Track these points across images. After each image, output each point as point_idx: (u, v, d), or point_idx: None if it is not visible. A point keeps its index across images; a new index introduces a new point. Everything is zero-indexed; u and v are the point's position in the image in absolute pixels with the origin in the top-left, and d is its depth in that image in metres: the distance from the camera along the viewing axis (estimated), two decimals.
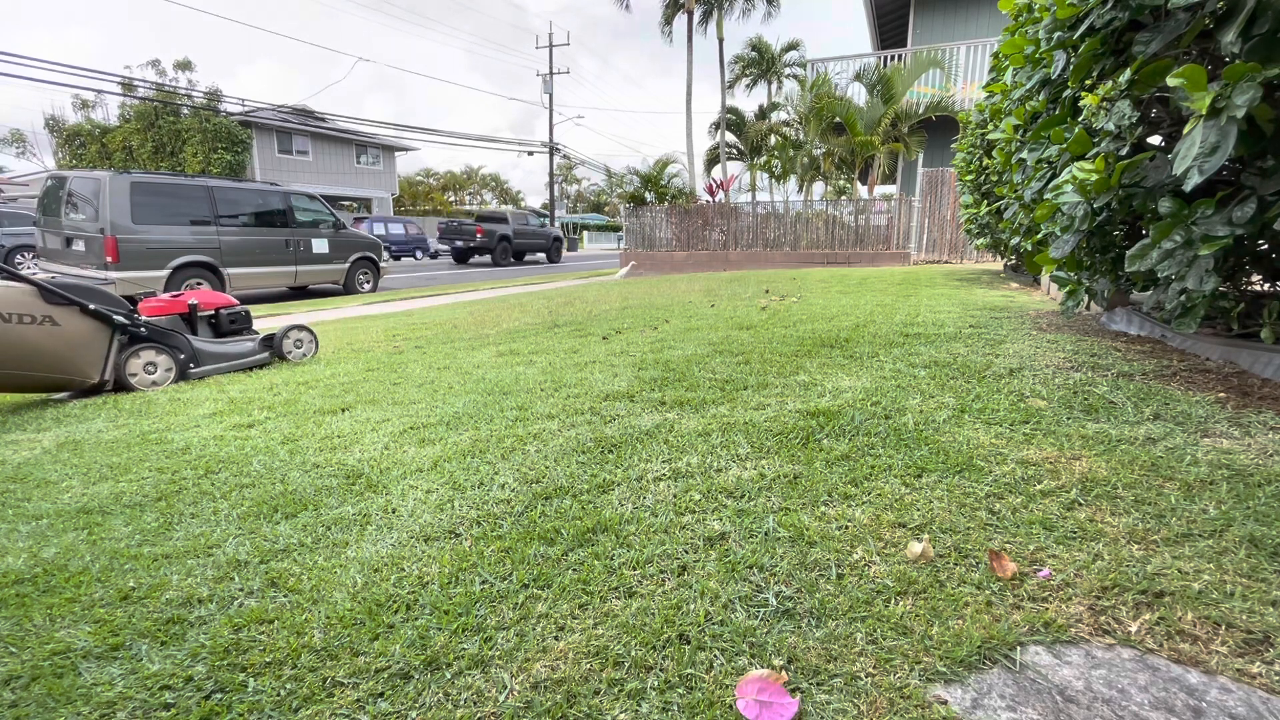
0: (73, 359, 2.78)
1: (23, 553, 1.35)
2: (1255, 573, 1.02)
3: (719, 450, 1.67)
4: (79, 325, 2.79)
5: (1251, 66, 1.45)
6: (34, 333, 2.65)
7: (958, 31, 13.07)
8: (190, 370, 3.21)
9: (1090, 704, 0.80)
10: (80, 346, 2.80)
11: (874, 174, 14.36)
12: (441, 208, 50.13)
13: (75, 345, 2.78)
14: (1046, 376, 2.19)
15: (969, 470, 1.45)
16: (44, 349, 2.69)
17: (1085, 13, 2.13)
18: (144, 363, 3.04)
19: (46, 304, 2.71)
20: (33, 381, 2.77)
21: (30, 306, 2.67)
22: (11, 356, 2.60)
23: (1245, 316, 2.33)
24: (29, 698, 0.91)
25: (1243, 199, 1.69)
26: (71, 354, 2.78)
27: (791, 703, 0.81)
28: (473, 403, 2.35)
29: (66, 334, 2.74)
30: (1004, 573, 1.05)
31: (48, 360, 2.73)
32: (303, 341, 3.76)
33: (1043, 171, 2.71)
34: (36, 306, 2.69)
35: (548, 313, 5.67)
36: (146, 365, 3.05)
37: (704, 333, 3.60)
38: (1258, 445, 1.51)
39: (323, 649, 0.97)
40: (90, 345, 2.83)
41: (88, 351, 2.82)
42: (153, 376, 3.06)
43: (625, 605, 1.03)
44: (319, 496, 1.57)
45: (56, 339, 2.72)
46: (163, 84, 25.17)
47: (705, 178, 25.46)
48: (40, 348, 2.68)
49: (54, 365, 2.74)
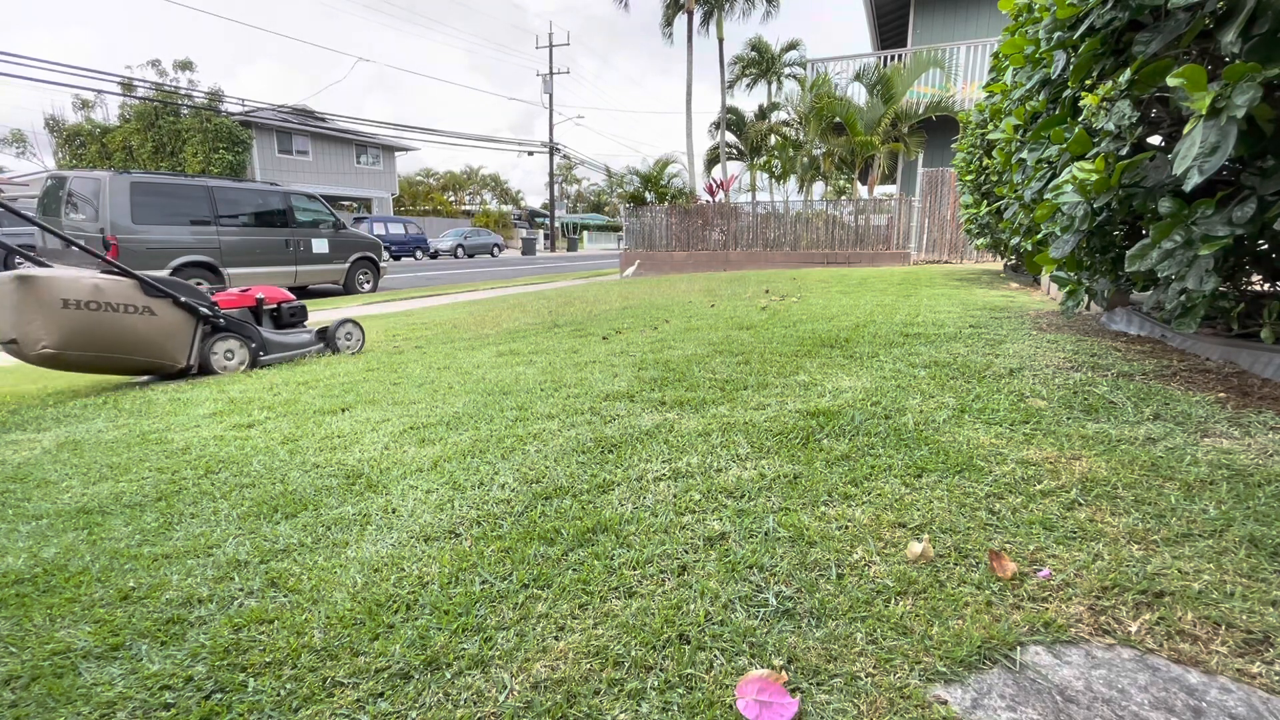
0: (165, 345, 3.11)
1: (23, 553, 1.35)
2: (1255, 573, 1.02)
3: (719, 450, 1.67)
4: (172, 315, 3.13)
5: (1251, 66, 1.45)
6: (137, 321, 2.98)
7: (958, 31, 13.08)
8: (260, 358, 3.53)
9: (1090, 704, 0.80)
10: (172, 334, 3.13)
11: (874, 174, 14.36)
12: (441, 207, 50.12)
13: (168, 333, 3.11)
14: (1046, 376, 2.19)
15: (969, 470, 1.45)
16: (144, 336, 3.01)
17: (1085, 13, 2.13)
18: (224, 350, 3.37)
19: (146, 296, 3.04)
20: (132, 365, 3.07)
21: (134, 298, 3.00)
22: (118, 342, 2.93)
23: (1245, 316, 2.33)
24: (29, 698, 0.91)
25: (1243, 199, 1.69)
26: (165, 341, 3.10)
27: (791, 703, 0.81)
28: (473, 403, 2.35)
29: (162, 323, 3.08)
30: (1004, 573, 1.05)
31: (146, 346, 3.05)
32: (352, 334, 4.04)
33: (1043, 171, 2.71)
34: (139, 298, 3.02)
35: (548, 313, 5.67)
36: (225, 352, 3.38)
37: (704, 333, 3.60)
38: (1258, 445, 1.51)
39: (323, 649, 0.97)
40: (180, 333, 3.16)
41: (178, 339, 3.15)
42: (230, 363, 3.40)
43: (625, 605, 1.03)
44: (319, 496, 1.57)
45: (154, 327, 3.06)
46: (163, 84, 25.16)
47: (705, 178, 25.45)
48: (141, 335, 3.00)
49: (151, 350, 3.07)
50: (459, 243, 29.93)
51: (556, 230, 40.93)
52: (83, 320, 2.85)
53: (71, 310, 2.84)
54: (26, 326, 2.77)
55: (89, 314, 2.87)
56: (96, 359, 2.96)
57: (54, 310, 2.81)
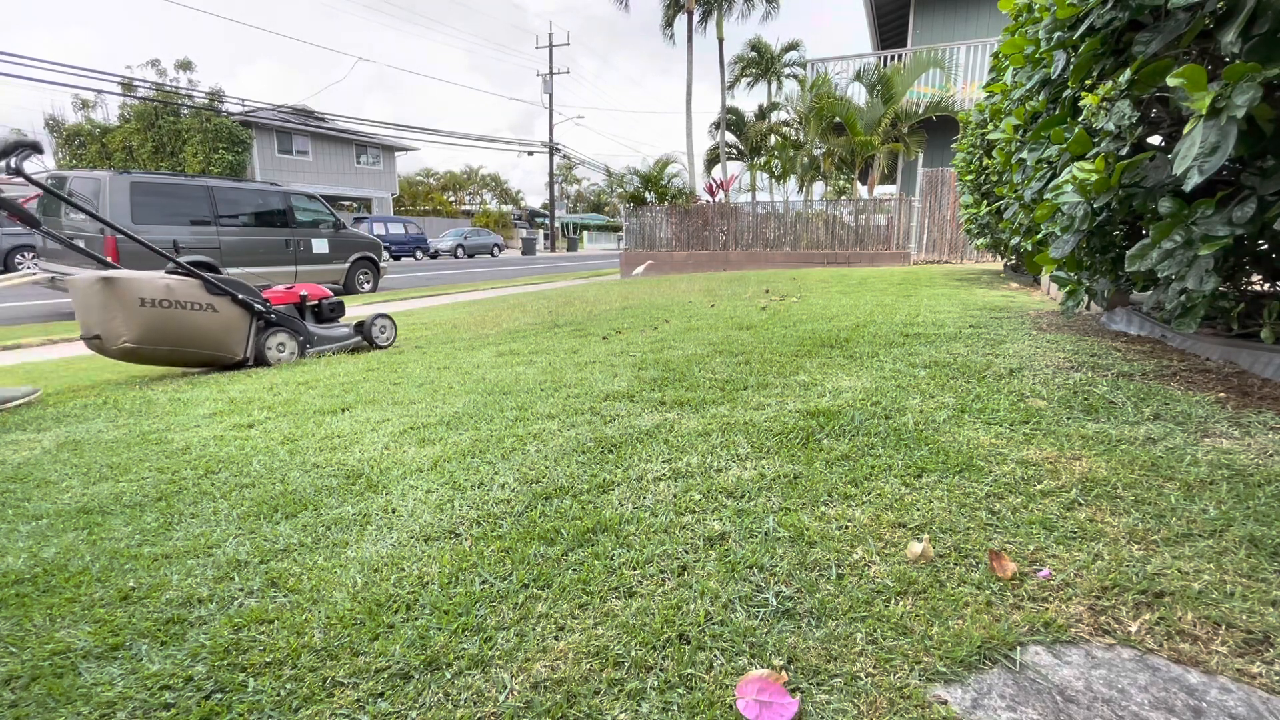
0: (226, 339, 3.37)
1: (23, 553, 1.35)
2: (1255, 573, 1.02)
3: (719, 450, 1.67)
4: (231, 312, 3.39)
5: (1251, 66, 1.45)
6: (201, 317, 3.25)
7: (958, 31, 13.08)
8: (307, 349, 3.80)
9: (1090, 704, 0.80)
10: (232, 329, 3.39)
11: (874, 174, 14.36)
12: (442, 207, 50.12)
13: (229, 328, 3.37)
14: (1046, 376, 2.19)
15: (969, 470, 1.45)
16: (208, 330, 3.28)
17: (1085, 13, 2.13)
18: (276, 343, 3.61)
19: (209, 294, 3.30)
20: (197, 357, 3.34)
21: (199, 296, 3.26)
22: (186, 336, 3.21)
23: (1245, 316, 2.33)
24: (29, 698, 0.91)
25: (1243, 199, 1.69)
26: (226, 335, 3.36)
27: (791, 703, 0.81)
28: (473, 403, 2.35)
29: (222, 319, 3.33)
30: (1004, 573, 1.05)
31: (210, 339, 3.31)
32: (386, 328, 4.28)
33: (1043, 171, 2.71)
34: (203, 296, 3.28)
35: (548, 313, 5.68)
36: (278, 345, 3.61)
37: (704, 333, 3.60)
38: (1258, 445, 1.51)
39: (323, 649, 0.97)
40: (238, 328, 3.42)
41: (236, 333, 3.41)
42: (282, 354, 3.64)
43: (625, 605, 1.03)
44: (319, 496, 1.57)
45: (215, 322, 3.31)
46: (163, 84, 25.16)
47: (705, 178, 25.46)
48: (205, 329, 3.27)
49: (214, 344, 3.33)
50: (459, 243, 29.94)
51: (556, 230, 40.93)
52: (157, 317, 3.12)
53: (147, 308, 3.10)
54: (109, 323, 3.03)
55: (162, 311, 3.14)
56: (168, 352, 3.24)
57: (133, 308, 3.06)
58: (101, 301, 3.03)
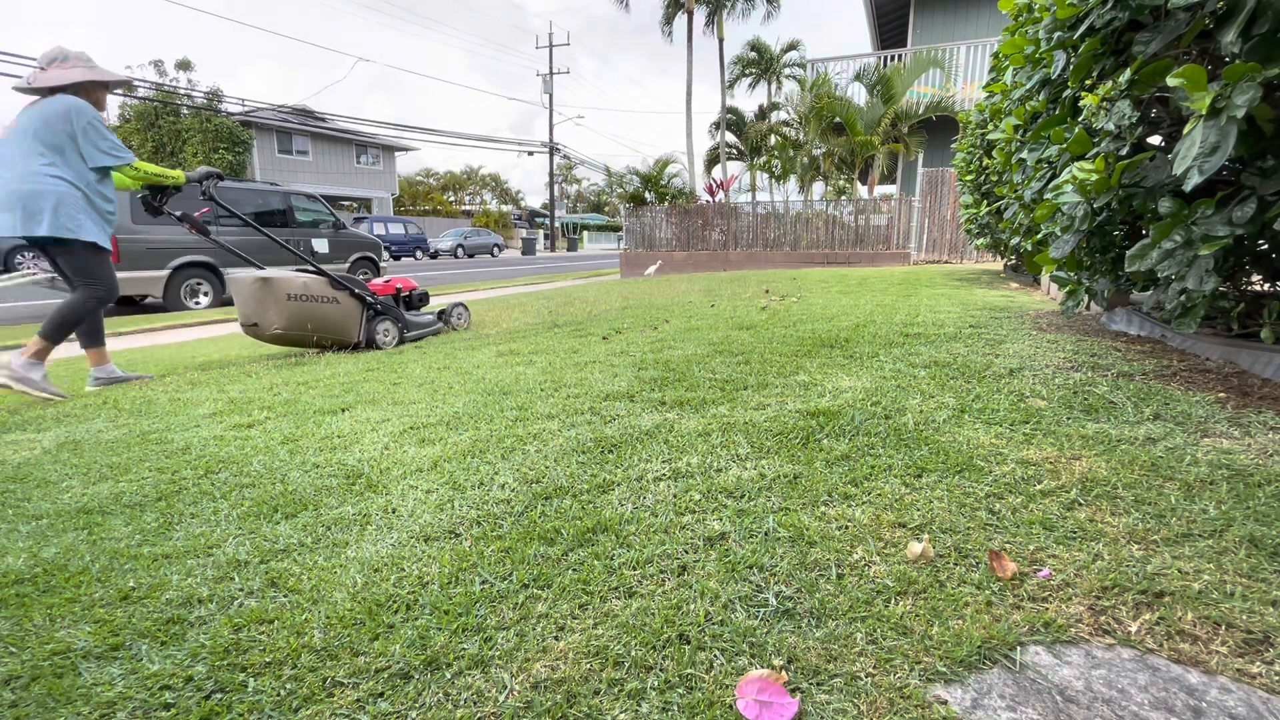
0: (346, 326, 3.99)
1: (23, 553, 1.35)
2: (1255, 573, 1.02)
3: (719, 450, 1.67)
4: (349, 303, 3.98)
5: (1251, 66, 1.45)
6: (328, 308, 3.88)
7: (958, 31, 13.08)
8: (405, 334, 4.35)
9: (1090, 704, 0.80)
10: (350, 317, 3.99)
11: (874, 174, 14.36)
12: (441, 207, 50.11)
13: (348, 316, 3.98)
14: (1046, 376, 2.19)
15: (969, 470, 1.45)
16: (333, 319, 3.91)
17: (1085, 13, 2.13)
18: (382, 328, 4.16)
19: (333, 289, 3.90)
20: (324, 340, 3.97)
21: (326, 291, 3.86)
22: (318, 324, 3.86)
23: (1245, 316, 2.33)
24: (29, 698, 0.91)
25: (1243, 199, 1.69)
26: (346, 322, 3.98)
27: (791, 703, 0.81)
28: (473, 403, 2.35)
29: (343, 309, 3.95)
30: (1004, 573, 1.05)
31: (334, 326, 3.93)
32: (462, 315, 5.00)
33: (1043, 171, 2.71)
34: (329, 291, 3.88)
35: (548, 313, 5.68)
36: (383, 330, 4.17)
37: (704, 333, 3.60)
38: (1258, 445, 1.51)
39: (323, 649, 0.97)
40: (354, 317, 4.01)
41: (353, 320, 4.01)
42: (387, 339, 4.19)
43: (625, 605, 1.03)
44: (319, 496, 1.57)
45: (339, 312, 3.93)
46: (163, 84, 25.15)
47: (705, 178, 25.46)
48: (331, 318, 3.90)
49: (336, 330, 3.95)
50: (459, 243, 29.96)
51: (556, 230, 40.94)
52: (298, 309, 3.77)
53: (292, 302, 3.73)
54: (265, 314, 3.71)
55: (301, 304, 3.77)
56: (303, 336, 3.88)
57: (282, 302, 3.70)
58: (259, 297, 3.68)
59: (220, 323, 7.13)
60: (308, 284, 3.79)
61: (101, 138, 2.99)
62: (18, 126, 2.93)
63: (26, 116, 2.93)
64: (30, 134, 2.88)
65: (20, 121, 2.93)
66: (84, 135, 2.93)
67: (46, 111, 2.90)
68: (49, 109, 2.91)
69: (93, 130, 2.96)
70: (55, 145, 2.90)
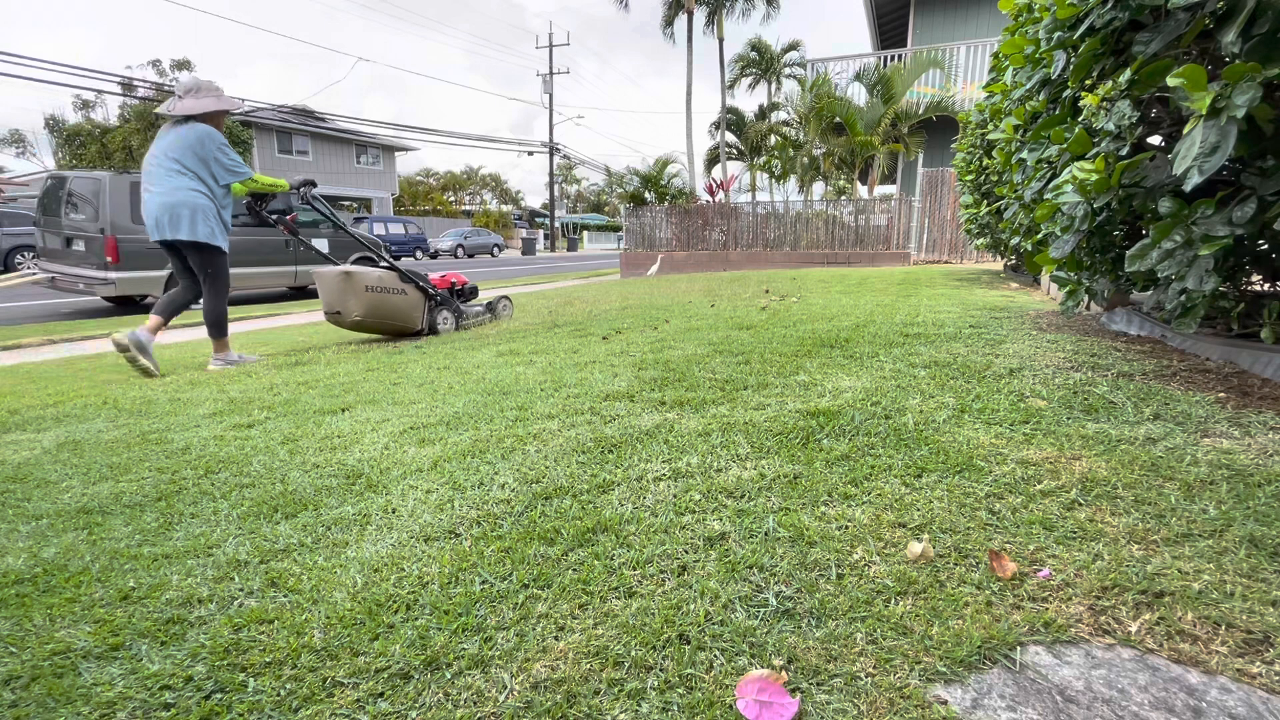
0: (411, 314, 4.46)
1: (23, 553, 1.35)
2: (1255, 573, 1.02)
3: (719, 450, 1.67)
4: (415, 294, 4.48)
5: (1251, 66, 1.45)
6: (398, 299, 4.35)
7: (958, 31, 13.08)
8: (459, 322, 4.88)
9: (1090, 704, 0.80)
10: (416, 307, 4.48)
11: (874, 174, 14.37)
12: (441, 207, 50.10)
13: (414, 306, 4.46)
14: (1046, 376, 2.19)
15: (969, 470, 1.45)
16: (401, 308, 4.38)
17: (1085, 13, 2.13)
18: (442, 317, 4.70)
19: (402, 282, 4.38)
20: (394, 327, 4.43)
21: (396, 284, 4.34)
22: (390, 312, 4.31)
23: (1245, 316, 2.33)
24: (29, 698, 0.91)
25: (1243, 199, 1.69)
26: (412, 311, 4.45)
27: (791, 703, 0.81)
28: (473, 403, 2.35)
29: (410, 300, 4.43)
30: (1004, 573, 1.05)
31: (402, 315, 4.39)
32: (507, 306, 5.46)
33: (1043, 171, 2.71)
34: (399, 284, 4.36)
35: (547, 312, 5.68)
36: (443, 318, 4.70)
37: (704, 333, 3.60)
38: (1258, 445, 1.51)
39: (323, 649, 0.97)
40: (419, 307, 4.51)
41: (418, 310, 4.50)
42: (445, 326, 4.72)
43: (625, 605, 1.03)
44: (319, 496, 1.57)
45: (406, 302, 4.40)
46: (162, 84, 25.15)
47: (705, 178, 25.46)
48: (400, 307, 4.37)
49: (404, 318, 4.42)
50: (459, 243, 29.98)
51: (556, 230, 40.94)
52: (375, 299, 4.20)
53: (370, 293, 4.17)
54: (347, 303, 4.15)
55: (377, 295, 4.21)
56: (377, 323, 4.34)
57: (361, 293, 4.14)
58: (341, 288, 4.13)
59: None
60: (382, 277, 4.28)
61: (229, 159, 3.66)
62: (159, 150, 3.58)
63: (166, 141, 3.57)
64: (172, 157, 3.53)
65: (161, 145, 3.58)
66: (215, 159, 3.59)
67: (186, 137, 3.54)
68: (187, 135, 3.54)
69: (222, 154, 3.62)
70: (192, 166, 3.54)
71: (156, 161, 3.56)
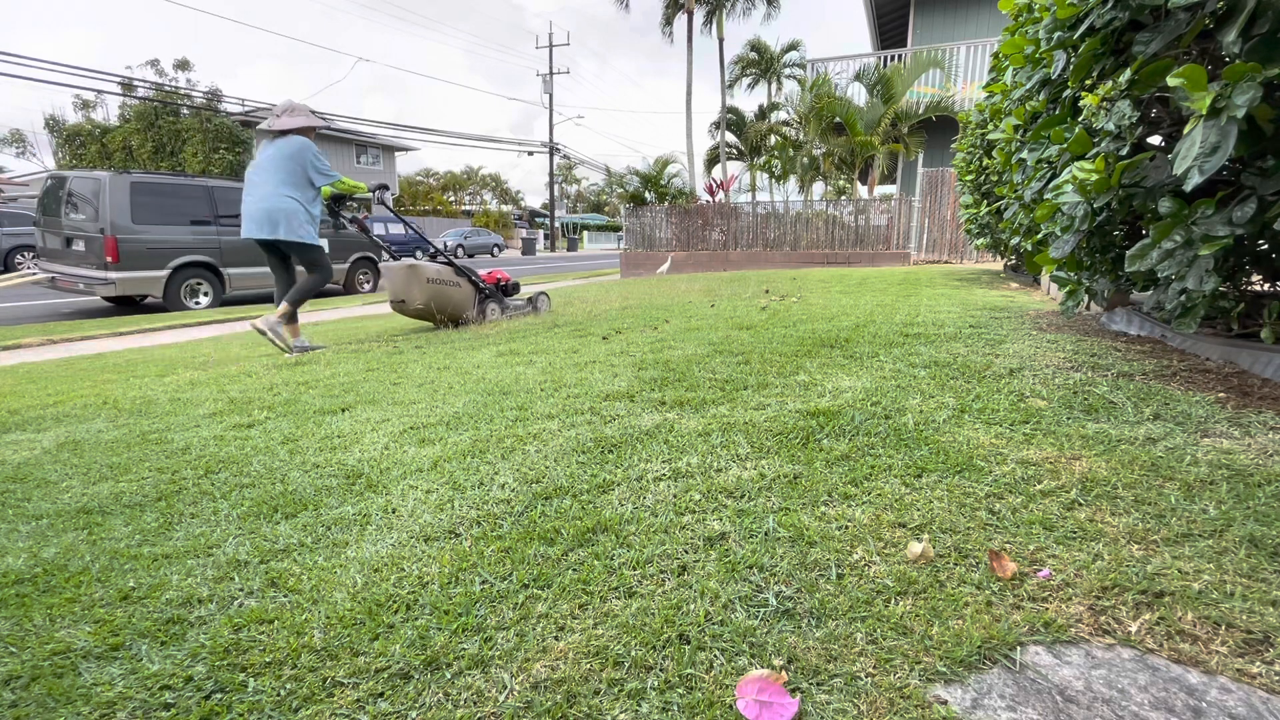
0: (464, 305, 4.96)
1: (23, 553, 1.35)
2: (1255, 573, 1.02)
3: (719, 450, 1.67)
4: (468, 287, 5.00)
5: (1252, 66, 1.45)
6: (453, 290, 4.84)
7: (958, 31, 13.07)
8: (504, 313, 5.28)
9: (1090, 704, 0.80)
10: (468, 298, 4.99)
11: (874, 174, 14.37)
12: (442, 207, 50.11)
13: (466, 298, 4.97)
14: (1046, 376, 2.19)
15: (969, 470, 1.45)
16: (456, 299, 4.87)
17: (1085, 13, 2.13)
18: (489, 308, 5.18)
19: (457, 276, 4.89)
20: (449, 315, 4.88)
21: (453, 277, 4.85)
22: (446, 302, 4.78)
23: (1245, 316, 2.33)
24: (29, 698, 0.91)
25: (1243, 199, 1.69)
26: (464, 301, 4.95)
27: (791, 703, 0.81)
28: (473, 403, 2.35)
29: (464, 291, 4.95)
30: (1004, 573, 1.05)
31: (456, 305, 4.87)
32: (546, 301, 5.84)
33: (1043, 171, 2.71)
34: (454, 277, 4.86)
35: (547, 312, 5.68)
36: (490, 309, 5.18)
37: (704, 333, 3.60)
38: (1258, 445, 1.51)
39: (323, 649, 0.97)
40: (470, 298, 5.02)
41: (469, 301, 5.00)
42: (492, 316, 5.16)
43: (625, 605, 1.03)
44: (319, 496, 1.57)
45: (460, 294, 4.90)
46: (162, 84, 25.15)
47: (705, 178, 25.46)
48: (455, 298, 4.86)
49: (457, 307, 4.90)
50: (459, 243, 29.99)
51: (556, 230, 40.94)
52: (435, 290, 4.69)
53: (430, 284, 4.65)
54: (411, 292, 4.62)
55: (436, 286, 4.70)
56: (435, 311, 4.77)
57: (424, 284, 4.62)
58: (406, 280, 4.61)
59: (220, 322, 7.12)
60: (440, 271, 4.79)
61: (321, 165, 4.14)
62: (262, 160, 4.06)
63: (268, 153, 4.06)
64: (273, 166, 4.02)
65: (264, 156, 4.08)
66: (310, 166, 4.08)
67: (285, 149, 4.03)
68: (286, 147, 4.04)
69: (317, 160, 4.11)
70: (290, 173, 4.03)
71: (260, 170, 4.04)
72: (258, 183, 4.03)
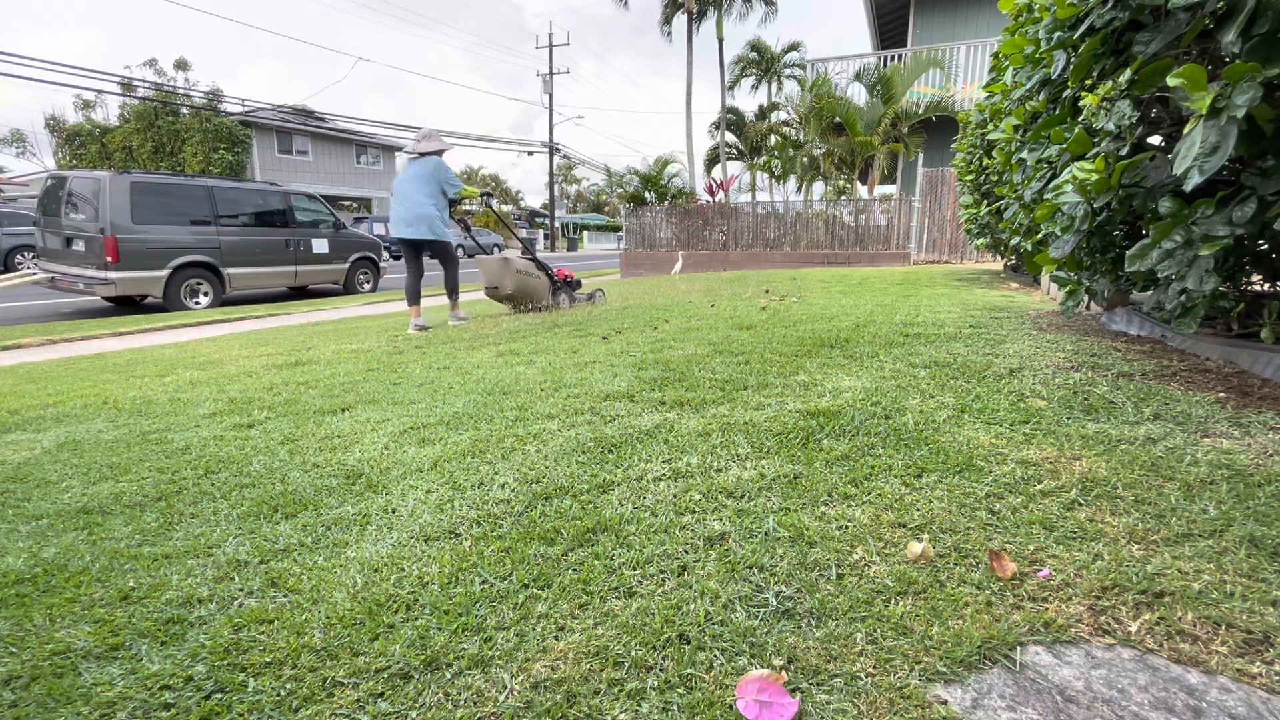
0: (543, 294, 5.69)
1: (23, 553, 1.35)
2: (1255, 573, 1.02)
3: (719, 450, 1.67)
4: (545, 279, 5.75)
5: (1251, 66, 1.45)
6: (536, 281, 5.60)
7: (958, 31, 13.07)
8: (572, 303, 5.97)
9: (1090, 704, 0.80)
10: (545, 289, 5.72)
11: (874, 174, 14.36)
12: None
13: (544, 288, 5.71)
14: (1046, 376, 2.19)
15: (969, 470, 1.45)
16: (537, 288, 5.61)
17: (1085, 13, 2.13)
18: (562, 299, 5.93)
19: (538, 269, 5.66)
20: (530, 302, 5.58)
21: (534, 270, 5.60)
22: (530, 291, 5.53)
23: (1245, 316, 2.33)
24: (29, 698, 0.91)
25: (1243, 199, 1.69)
26: (542, 291, 5.68)
27: (791, 703, 0.81)
28: (473, 403, 2.35)
29: (543, 283, 5.71)
30: (1004, 573, 1.05)
31: (536, 294, 5.59)
32: (602, 296, 6.47)
33: (1043, 171, 2.71)
34: (536, 270, 5.62)
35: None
36: (562, 300, 5.93)
37: (704, 333, 3.60)
38: (1258, 445, 1.51)
39: (323, 649, 0.97)
40: (547, 288, 5.75)
41: (545, 291, 5.74)
42: (563, 305, 5.84)
43: (625, 605, 1.03)
44: (319, 496, 1.57)
45: (540, 285, 5.66)
46: (162, 84, 25.15)
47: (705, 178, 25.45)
48: (536, 288, 5.60)
49: (538, 295, 5.62)
50: (459, 243, 29.99)
51: (556, 230, 40.92)
52: (522, 279, 5.44)
53: (519, 275, 5.41)
54: (503, 280, 5.37)
55: (524, 276, 5.46)
56: (521, 298, 5.51)
57: (514, 274, 5.38)
58: (500, 270, 5.35)
59: (220, 322, 7.12)
60: (527, 265, 5.57)
61: (452, 179, 5.13)
62: (407, 176, 5.05)
63: (412, 170, 5.05)
64: (417, 180, 5.01)
65: (408, 173, 5.06)
66: (445, 180, 5.08)
67: (425, 168, 5.03)
68: (425, 166, 5.04)
69: (450, 175, 5.12)
70: (429, 186, 5.03)
71: (407, 183, 5.04)
72: (407, 193, 5.01)
